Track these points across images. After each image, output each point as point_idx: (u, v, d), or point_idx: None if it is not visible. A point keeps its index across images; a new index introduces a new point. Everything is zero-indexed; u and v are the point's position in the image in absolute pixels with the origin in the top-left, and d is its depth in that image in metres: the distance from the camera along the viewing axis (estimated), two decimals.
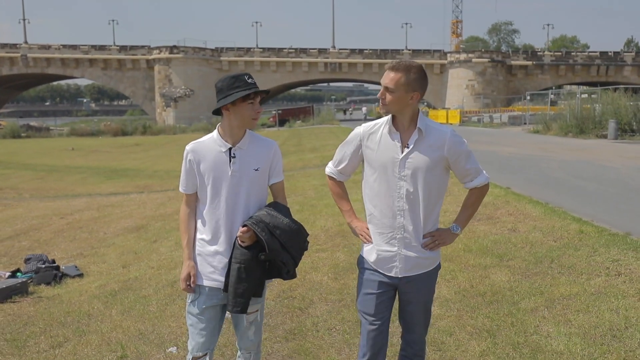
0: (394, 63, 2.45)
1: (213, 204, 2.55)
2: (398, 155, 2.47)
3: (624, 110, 22.01)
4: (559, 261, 5.35)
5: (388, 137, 2.50)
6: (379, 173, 2.51)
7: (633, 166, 12.59)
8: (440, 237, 2.56)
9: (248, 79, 2.50)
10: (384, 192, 2.50)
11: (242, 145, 2.55)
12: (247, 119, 2.51)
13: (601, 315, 4.01)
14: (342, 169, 2.71)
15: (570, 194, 9.30)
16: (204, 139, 2.61)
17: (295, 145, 25.83)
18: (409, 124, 2.49)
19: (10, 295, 6.05)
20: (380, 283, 2.56)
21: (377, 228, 2.56)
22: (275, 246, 2.43)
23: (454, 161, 2.50)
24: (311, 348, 3.85)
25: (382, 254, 2.55)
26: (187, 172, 2.59)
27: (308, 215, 8.56)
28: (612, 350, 3.49)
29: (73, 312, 5.30)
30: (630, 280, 4.67)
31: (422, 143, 2.46)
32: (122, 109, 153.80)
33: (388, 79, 2.43)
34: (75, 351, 4.28)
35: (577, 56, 63.18)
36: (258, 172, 2.57)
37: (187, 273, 2.60)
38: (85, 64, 60.88)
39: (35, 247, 8.94)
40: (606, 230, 6.40)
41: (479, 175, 2.58)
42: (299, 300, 4.82)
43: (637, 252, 5.41)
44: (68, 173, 20.65)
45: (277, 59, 60.85)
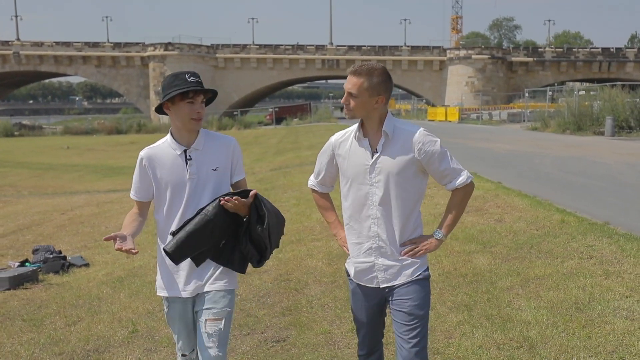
0: (356, 67, 2.40)
1: (174, 210, 2.48)
2: (368, 161, 2.45)
3: (621, 107, 22.55)
4: (538, 247, 5.88)
5: (357, 144, 2.48)
6: (352, 181, 2.49)
7: (624, 162, 13.14)
8: (421, 243, 2.50)
9: (189, 77, 2.42)
10: (357, 201, 2.49)
11: (198, 145, 2.49)
12: (185, 118, 2.42)
13: (569, 291, 4.54)
14: (321, 180, 2.71)
15: (558, 188, 9.83)
16: (159, 144, 2.55)
17: (292, 143, 26.33)
18: (377, 127, 2.46)
19: (22, 283, 6.55)
20: (366, 296, 2.56)
21: (353, 238, 2.54)
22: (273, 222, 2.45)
23: (426, 163, 2.43)
24: (306, 321, 4.37)
25: (360, 266, 2.53)
26: (141, 178, 2.52)
27: (304, 208, 9.08)
28: (573, 320, 4.01)
29: (84, 296, 5.81)
30: (600, 262, 5.20)
31: (390, 146, 2.43)
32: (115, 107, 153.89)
33: (350, 84, 2.39)
34: (89, 328, 4.79)
35: (578, 52, 63.67)
36: (217, 172, 2.52)
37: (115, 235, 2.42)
38: (79, 61, 61.26)
39: (40, 241, 9.43)
40: (587, 220, 6.92)
41: (458, 175, 2.49)
42: (295, 283, 5.34)
43: (612, 238, 5.94)
44: (65, 171, 21.15)
45: (273, 55, 61.30)
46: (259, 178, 14.36)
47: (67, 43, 61.39)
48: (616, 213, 7.54)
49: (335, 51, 62.33)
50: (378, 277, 2.50)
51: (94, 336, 4.60)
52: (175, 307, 2.57)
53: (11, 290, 6.36)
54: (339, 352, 3.80)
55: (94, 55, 60.77)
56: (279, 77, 62.54)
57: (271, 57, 61.26)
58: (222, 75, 60.37)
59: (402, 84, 64.10)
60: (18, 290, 6.40)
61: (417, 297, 2.47)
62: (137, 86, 61.81)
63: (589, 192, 9.47)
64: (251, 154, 22.50)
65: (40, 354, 4.36)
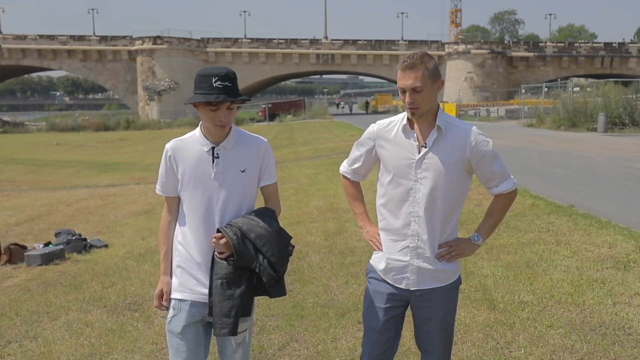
0: (407, 62, 2.36)
1: (195, 209, 2.46)
2: (414, 155, 2.42)
3: (614, 104, 23.94)
4: (507, 224, 7.16)
5: (403, 135, 2.45)
6: (394, 175, 2.46)
7: (607, 156, 14.49)
8: (458, 247, 2.48)
9: (216, 81, 2.34)
10: (398, 196, 2.46)
11: (227, 144, 2.46)
12: (209, 123, 2.41)
13: (523, 255, 5.82)
14: (356, 169, 2.68)
15: (538, 178, 11.15)
16: (186, 137, 2.53)
17: (287, 139, 27.58)
18: (430, 121, 2.42)
19: (52, 259, 7.75)
20: (390, 296, 2.50)
21: (389, 235, 2.51)
22: (245, 251, 2.34)
23: (476, 163, 2.41)
24: (307, 278, 5.63)
25: (393, 263, 2.49)
26: (166, 171, 2.51)
27: (302, 197, 10.33)
28: (522, 273, 5.29)
29: (112, 267, 7.03)
30: (555, 234, 6.49)
31: (441, 142, 2.40)
32: (99, 102, 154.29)
33: (411, 79, 2.33)
34: (124, 289, 6.02)
35: (580, 47, 65.01)
36: (245, 174, 2.48)
37: (161, 290, 2.55)
38: (63, 55, 62.19)
39: (54, 228, 10.62)
40: (555, 203, 8.23)
41: (505, 180, 2.49)
42: (296, 253, 6.59)
43: (571, 217, 7.24)
44: (60, 167, 22.31)
45: (266, 50, 62.45)
46: None
47: (51, 36, 62.31)
48: (583, 198, 8.86)
49: (330, 45, 63.55)
50: (410, 278, 2.47)
51: (130, 294, 5.83)
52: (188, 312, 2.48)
53: (43, 266, 7.56)
54: (334, 297, 5.06)
55: (79, 49, 61.71)
56: (272, 72, 63.70)
57: (264, 51, 62.41)
58: None
59: None
60: (49, 265, 7.60)
61: (448, 304, 2.49)
62: (124, 81, 62.80)
63: (565, 181, 10.79)
64: None
65: (87, 307, 5.58)
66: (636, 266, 5.22)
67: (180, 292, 2.49)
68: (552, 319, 4.23)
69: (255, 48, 62.47)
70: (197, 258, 2.46)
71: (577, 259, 5.57)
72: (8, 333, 4.98)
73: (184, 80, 59.03)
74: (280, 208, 2.63)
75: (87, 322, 5.10)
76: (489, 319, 4.31)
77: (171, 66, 59.33)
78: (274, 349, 4.06)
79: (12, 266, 7.57)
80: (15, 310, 5.60)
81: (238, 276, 2.36)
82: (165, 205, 2.58)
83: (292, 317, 4.61)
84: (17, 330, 5.04)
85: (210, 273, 2.40)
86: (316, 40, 63.91)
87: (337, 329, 4.29)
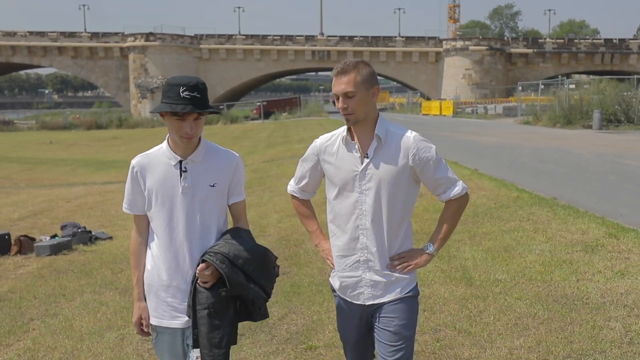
0: (340, 67, 2.42)
1: (164, 227, 2.43)
2: (357, 167, 2.44)
3: (609, 101, 24.68)
4: (490, 215, 7.84)
5: (345, 148, 2.48)
6: (340, 189, 2.49)
7: (596, 152, 15.21)
8: (411, 258, 2.50)
9: (183, 91, 2.31)
10: (345, 210, 2.48)
11: (196, 157, 2.44)
12: (175, 134, 2.38)
13: (503, 241, 6.49)
14: (303, 187, 2.70)
15: (527, 173, 11.84)
16: (152, 151, 2.50)
17: (282, 137, 28.23)
18: (369, 130, 2.45)
19: (60, 250, 8.38)
20: (352, 312, 2.56)
21: (339, 251, 2.54)
22: (238, 279, 2.32)
23: (420, 170, 2.44)
24: (303, 262, 6.28)
25: (346, 281, 2.53)
26: (133, 188, 2.48)
27: None
28: (500, 257, 5.95)
29: (119, 256, 7.67)
30: (534, 222, 7.17)
31: (382, 151, 2.43)
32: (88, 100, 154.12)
33: (343, 84, 2.37)
34: None
35: (580, 44, 65.74)
36: (215, 189, 2.45)
37: (139, 316, 2.53)
38: (54, 52, 62.64)
39: (57, 223, 11.24)
40: (538, 196, 8.91)
41: (453, 185, 2.50)
42: (293, 241, 7.26)
43: (552, 207, 7.91)
44: (55, 165, 22.90)
45: (261, 46, 63.03)
46: (253, 169, 16.23)
47: (41, 33, 62.75)
48: (567, 191, 9.54)
49: (325, 42, 64.20)
50: (364, 293, 2.50)
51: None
52: (164, 338, 2.50)
53: (52, 256, 8.18)
54: (329, 277, 5.71)
55: (70, 46, 62.18)
56: (267, 69, 64.29)
57: (258, 48, 62.99)
58: (206, 67, 62.05)
59: (396, 77, 66.12)
60: (58, 256, 8.23)
61: (404, 316, 2.47)
62: (116, 78, 63.31)
63: (552, 176, 11.48)
64: (242, 147, 24.31)
65: (100, 290, 6.22)
66: (603, 249, 5.89)
67: (155, 317, 2.49)
68: (521, 292, 4.89)
69: (249, 45, 63.05)
70: (166, 280, 2.43)
71: (551, 243, 6.24)
72: (29, 312, 5.61)
73: None
74: (249, 226, 2.60)
75: (102, 302, 5.74)
76: (466, 293, 4.97)
77: (164, 63, 59.85)
78: (274, 319, 4.71)
79: (23, 256, 8.19)
80: (33, 293, 6.23)
81: (225, 305, 2.34)
82: (135, 225, 2.56)
83: (290, 294, 5.26)
84: (37, 309, 5.67)
85: (193, 302, 2.36)
86: (312, 36, 64.55)
87: (330, 303, 4.94)
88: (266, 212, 9.35)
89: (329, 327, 4.49)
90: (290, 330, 4.52)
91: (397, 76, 65.49)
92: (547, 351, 3.82)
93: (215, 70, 62.19)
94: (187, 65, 59.95)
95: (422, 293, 5.11)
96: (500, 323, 4.32)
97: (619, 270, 5.21)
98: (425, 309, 4.62)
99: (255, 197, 11.07)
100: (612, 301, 4.56)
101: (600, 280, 5.02)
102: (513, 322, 4.31)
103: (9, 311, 5.68)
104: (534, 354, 3.80)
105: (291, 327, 4.57)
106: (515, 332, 4.15)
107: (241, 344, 4.24)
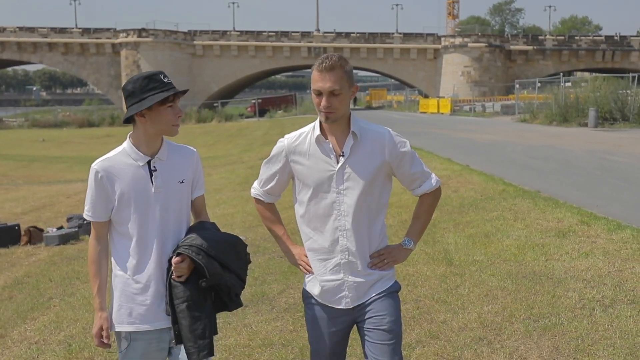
0: (325, 62, 2.37)
1: (137, 230, 2.45)
2: (333, 166, 2.44)
3: (604, 99, 25.48)
4: (476, 206, 8.59)
5: (317, 147, 2.47)
6: (314, 190, 2.47)
7: (587, 149, 16.00)
8: (390, 254, 2.54)
9: (164, 78, 2.44)
10: (321, 211, 2.48)
11: (162, 155, 2.49)
12: (166, 125, 2.43)
13: (484, 228, 7.24)
14: (270, 190, 2.66)
15: (516, 169, 12.61)
16: (113, 154, 2.51)
17: (279, 135, 28.49)
18: (343, 128, 2.46)
19: (68, 240, 9.08)
20: (332, 319, 2.55)
21: (318, 254, 2.54)
22: (215, 269, 2.41)
23: (397, 165, 2.49)
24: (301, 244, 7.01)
25: (327, 285, 2.52)
26: (97, 194, 2.45)
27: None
28: (480, 242, 6.70)
29: None
30: (514, 212, 7.93)
31: (358, 149, 2.44)
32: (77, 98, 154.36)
33: (329, 81, 2.35)
34: None
35: (581, 41, 66.52)
36: (183, 185, 2.52)
37: (100, 327, 2.50)
38: (44, 49, 63.14)
39: (60, 217, 11.94)
40: (522, 189, 9.67)
41: (427, 179, 2.56)
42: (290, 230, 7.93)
43: (533, 199, 8.67)
44: (50, 162, 23.59)
45: (255, 43, 63.66)
46: (250, 165, 16.96)
47: (31, 28, 63.27)
48: (551, 185, 10.32)
49: (322, 38, 64.88)
50: (348, 296, 2.51)
51: None
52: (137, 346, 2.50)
53: (60, 246, 8.89)
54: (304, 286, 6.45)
55: (60, 42, 62.70)
56: (262, 66, 64.92)
57: (253, 44, 63.62)
58: (200, 64, 62.68)
59: (394, 74, 66.88)
60: (66, 245, 8.94)
61: (393, 312, 2.51)
62: (107, 75, 63.85)
63: (540, 171, 12.26)
64: (237, 145, 25.06)
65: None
66: (574, 235, 6.64)
67: (131, 323, 2.48)
68: (495, 270, 5.64)
69: (244, 41, 63.66)
70: (145, 283, 2.46)
71: (528, 230, 7.00)
72: (48, 292, 6.33)
73: (170, 75, 59.27)
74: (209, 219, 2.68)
75: None
76: (446, 272, 5.72)
77: (157, 60, 60.39)
78: (274, 294, 5.45)
79: (32, 246, 8.89)
80: (48, 277, 6.94)
81: (203, 296, 2.42)
82: (93, 233, 2.56)
83: (288, 273, 6.00)
84: (55, 290, 6.38)
85: (170, 298, 2.42)
86: (308, 32, 65.21)
87: None
88: None
89: None
90: (288, 302, 5.26)
91: (394, 73, 66.25)
92: (510, 315, 4.57)
93: (209, 67, 62.79)
94: (181, 62, 60.61)
95: (405, 272, 5.89)
96: (474, 294, 5.07)
97: (584, 252, 5.96)
98: (408, 284, 5.36)
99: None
100: (573, 276, 5.31)
101: (566, 260, 5.78)
102: (484, 294, 5.06)
103: (28, 292, 6.39)
104: (499, 317, 4.54)
105: (289, 300, 5.31)
106: (485, 301, 4.90)
107: (245, 312, 4.97)
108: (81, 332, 5.01)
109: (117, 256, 2.52)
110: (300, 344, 4.28)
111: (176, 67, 60.11)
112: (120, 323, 2.50)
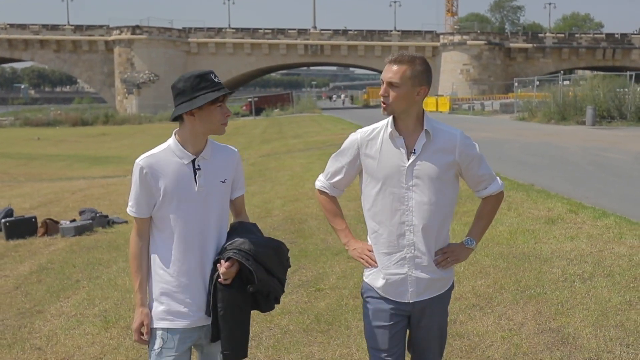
0: (396, 56, 2.50)
1: (180, 227, 2.53)
2: (404, 162, 2.53)
3: (602, 97, 26.29)
4: (472, 198, 9.29)
5: (390, 142, 2.56)
6: (383, 184, 2.56)
7: (582, 146, 16.79)
8: (452, 253, 2.65)
9: (214, 77, 2.52)
10: (390, 206, 2.56)
11: (206, 154, 2.56)
12: (216, 124, 2.52)
13: None
14: (336, 182, 2.74)
15: (513, 165, 13.37)
16: (157, 151, 2.57)
17: (277, 133, 29.70)
18: (414, 126, 2.55)
19: (83, 231, 9.76)
20: (392, 313, 2.62)
21: (383, 248, 2.61)
22: (263, 275, 2.48)
23: (465, 167, 2.59)
24: (307, 234, 7.74)
25: (391, 278, 2.60)
26: (142, 190, 2.52)
27: (298, 181, 12.44)
28: None
29: None
30: (509, 203, 8.66)
31: (430, 147, 2.53)
32: (67, 96, 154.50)
33: (391, 72, 2.48)
34: None
35: (581, 38, 67.34)
36: (225, 185, 2.60)
37: (140, 322, 2.58)
38: (36, 46, 63.71)
39: (69, 212, 12.60)
40: (518, 182, 10.40)
41: (493, 182, 2.70)
42: (297, 220, 8.71)
43: (527, 192, 9.41)
44: (49, 160, 24.24)
45: (251, 40, 64.34)
46: (251, 162, 17.67)
47: (22, 25, 63.82)
48: (544, 179, 11.06)
49: (319, 36, 65.61)
50: (409, 290, 2.60)
51: None
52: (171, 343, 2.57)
53: (76, 237, 9.57)
54: (330, 245, 7.16)
55: (52, 39, 63.28)
56: (258, 64, 65.61)
57: (249, 42, 64.29)
58: (194, 62, 63.26)
59: None
60: (82, 236, 9.62)
61: (445, 311, 2.71)
62: (100, 73, 64.46)
63: (535, 166, 13.02)
64: (236, 143, 25.69)
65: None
66: (562, 222, 7.38)
67: (170, 320, 2.55)
68: (488, 252, 6.36)
69: (240, 38, 64.32)
70: (186, 281, 2.54)
71: (520, 218, 7.73)
72: (74, 276, 7.01)
73: (164, 73, 60.60)
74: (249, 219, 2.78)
75: None
76: None
77: (151, 57, 61.00)
78: (288, 273, 6.15)
79: (49, 237, 9.55)
80: (71, 263, 7.62)
81: (245, 300, 2.52)
82: (135, 228, 2.62)
83: (299, 256, 6.71)
84: (80, 274, 7.06)
85: (214, 301, 2.50)
86: (304, 30, 65.92)
87: (333, 262, 6.40)
88: (270, 198, 10.79)
89: (332, 277, 5.94)
90: (301, 279, 5.97)
91: None
92: (500, 287, 5.29)
93: (204, 64, 63.19)
94: (175, 60, 61.22)
95: None
96: (469, 272, 5.79)
97: (570, 236, 6.70)
98: None
99: (258, 187, 12.50)
100: (559, 256, 6.04)
101: (553, 243, 6.51)
102: (478, 271, 5.78)
103: (55, 275, 7.07)
104: (490, 289, 5.27)
105: (302, 277, 6.02)
106: (478, 277, 5.62)
107: None
108: (113, 307, 5.70)
109: (157, 253, 2.58)
110: (315, 312, 5.00)
111: (170, 64, 60.69)
112: (159, 319, 2.57)
